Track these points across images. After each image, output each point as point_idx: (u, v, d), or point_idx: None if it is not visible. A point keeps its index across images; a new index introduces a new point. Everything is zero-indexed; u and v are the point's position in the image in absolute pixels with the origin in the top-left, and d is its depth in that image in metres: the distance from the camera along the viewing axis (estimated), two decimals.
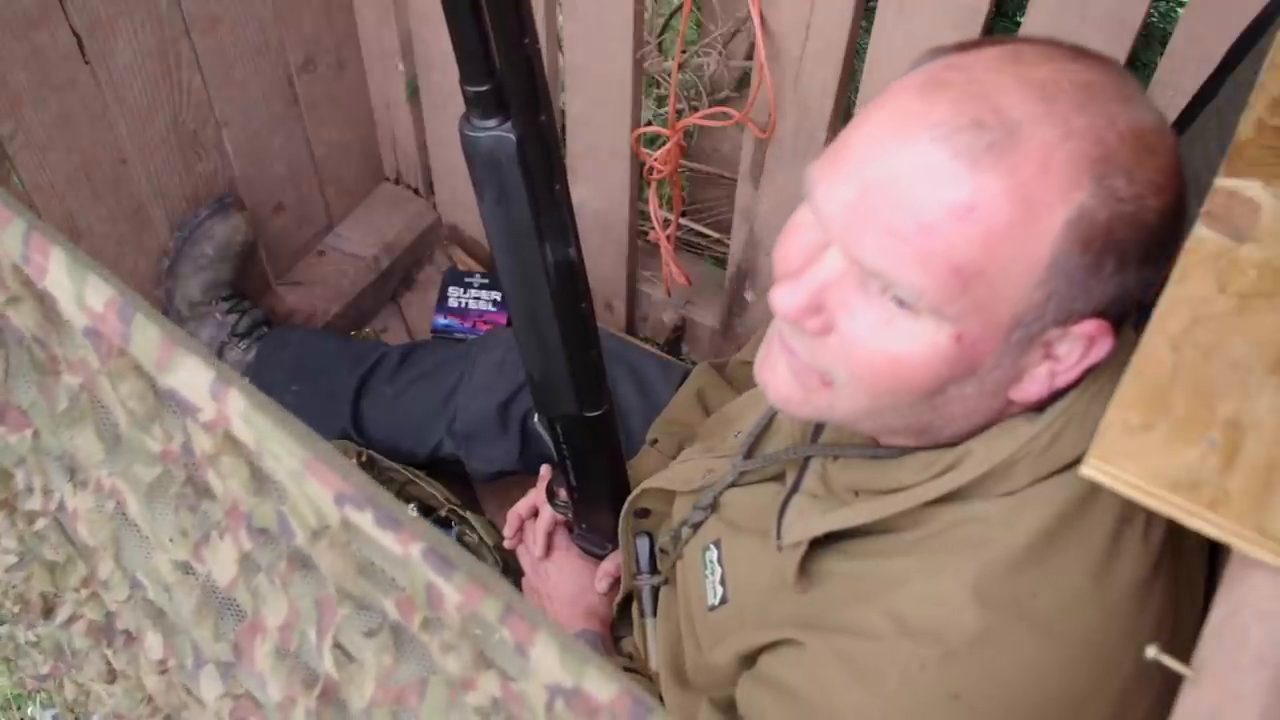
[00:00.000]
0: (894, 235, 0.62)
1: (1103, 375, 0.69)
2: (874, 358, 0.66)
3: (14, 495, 0.71)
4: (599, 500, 1.10)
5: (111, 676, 0.83)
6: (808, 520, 0.80)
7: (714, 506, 0.95)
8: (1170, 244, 0.65)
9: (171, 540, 0.55)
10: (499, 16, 0.67)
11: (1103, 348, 0.67)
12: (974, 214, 0.61)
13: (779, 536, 0.83)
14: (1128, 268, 0.64)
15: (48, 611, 0.81)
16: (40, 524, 0.70)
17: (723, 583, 0.91)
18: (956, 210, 0.61)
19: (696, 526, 0.97)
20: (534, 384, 0.94)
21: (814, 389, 0.71)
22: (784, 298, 0.68)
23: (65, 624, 0.79)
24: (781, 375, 0.73)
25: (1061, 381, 0.68)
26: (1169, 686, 0.48)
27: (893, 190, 0.62)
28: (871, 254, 0.63)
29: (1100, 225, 0.62)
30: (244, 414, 0.39)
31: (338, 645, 0.48)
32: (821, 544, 0.79)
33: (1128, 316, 0.69)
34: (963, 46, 0.67)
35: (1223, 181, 0.60)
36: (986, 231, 0.61)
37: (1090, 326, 0.65)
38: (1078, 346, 0.66)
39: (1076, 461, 0.69)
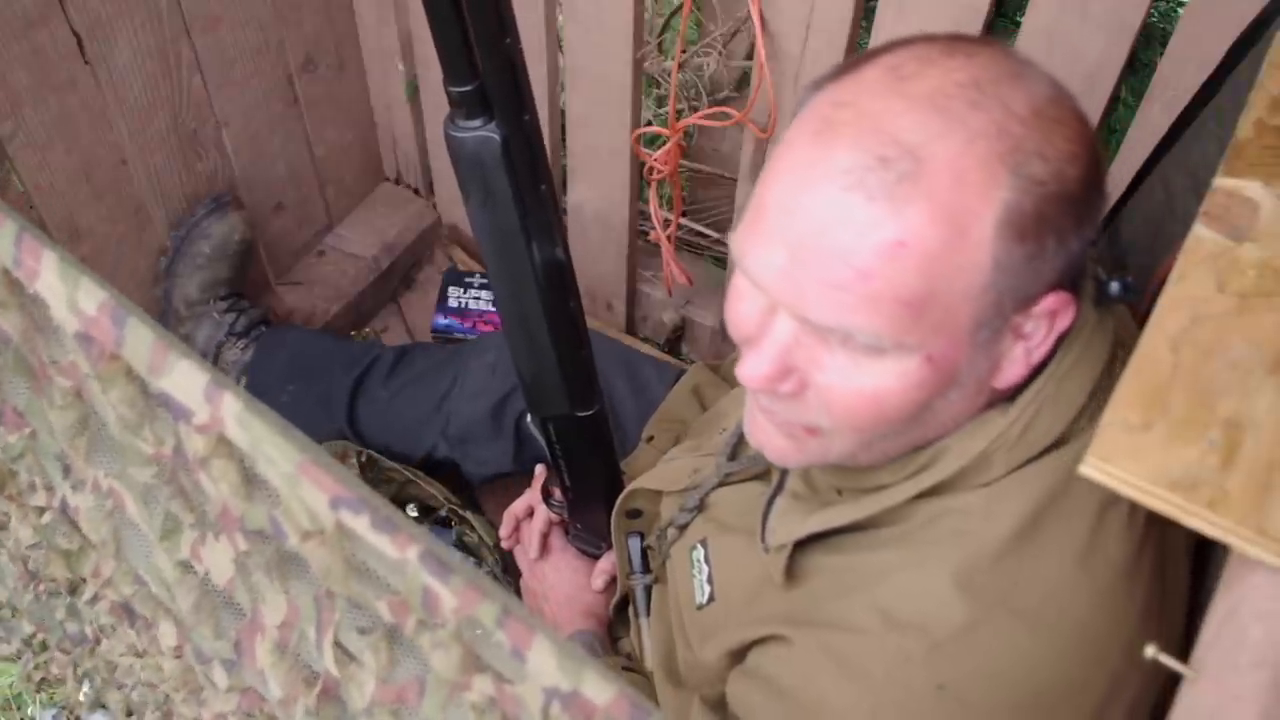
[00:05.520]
0: (835, 288, 0.62)
1: (1068, 355, 0.69)
2: (853, 401, 0.67)
3: (19, 491, 0.72)
4: (593, 500, 1.10)
5: (140, 651, 0.83)
6: (791, 522, 0.80)
7: (700, 507, 0.95)
8: (1098, 200, 0.66)
9: (170, 540, 0.55)
10: (479, 16, 0.67)
11: (1067, 316, 0.68)
12: (906, 248, 0.61)
13: (764, 539, 0.83)
14: (1067, 239, 0.64)
15: (73, 589, 0.82)
16: (47, 517, 0.70)
17: (710, 581, 0.91)
18: (888, 249, 0.61)
19: (683, 528, 0.97)
20: (525, 384, 0.94)
21: (803, 439, 0.72)
22: (751, 370, 0.68)
23: (90, 601, 0.80)
24: (771, 435, 0.74)
25: (1038, 356, 0.69)
26: (1158, 670, 0.48)
27: (821, 245, 0.62)
28: (818, 311, 0.64)
29: (1030, 213, 0.62)
30: (238, 417, 0.39)
31: (338, 644, 0.48)
32: (806, 541, 0.79)
33: (1081, 279, 0.70)
34: (841, 71, 0.67)
35: (1222, 181, 0.60)
36: (922, 260, 0.61)
37: (1050, 301, 0.66)
38: (1043, 322, 0.67)
39: (1053, 446, 0.69)
